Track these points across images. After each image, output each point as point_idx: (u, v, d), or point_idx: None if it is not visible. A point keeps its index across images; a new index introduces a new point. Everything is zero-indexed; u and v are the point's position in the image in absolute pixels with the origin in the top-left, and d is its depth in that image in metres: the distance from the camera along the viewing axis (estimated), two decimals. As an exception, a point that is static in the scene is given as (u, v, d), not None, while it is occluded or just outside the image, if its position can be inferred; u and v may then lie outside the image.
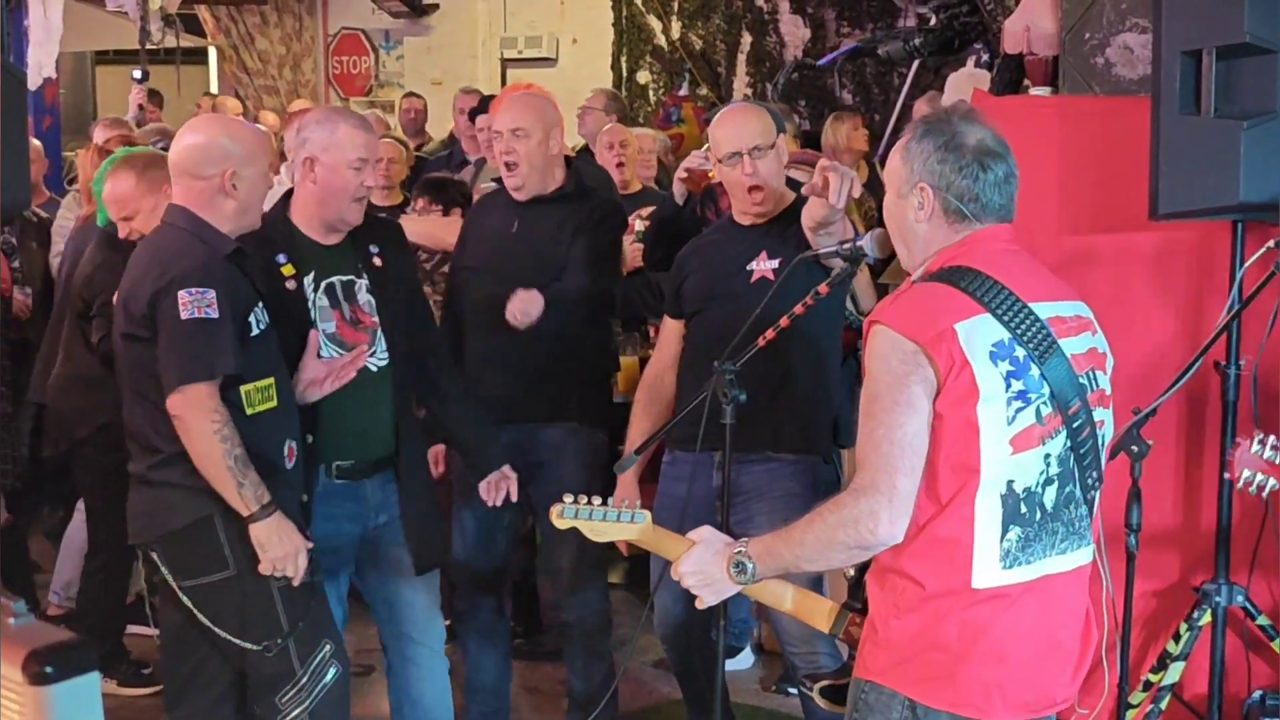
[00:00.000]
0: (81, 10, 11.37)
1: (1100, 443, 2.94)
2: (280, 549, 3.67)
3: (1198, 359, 3.92)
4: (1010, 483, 2.81)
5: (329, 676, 3.80)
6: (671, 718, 5.20)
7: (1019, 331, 2.83)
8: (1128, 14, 4.49)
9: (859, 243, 3.47)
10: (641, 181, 7.16)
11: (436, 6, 13.90)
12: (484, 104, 7.85)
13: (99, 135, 7.22)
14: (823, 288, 3.62)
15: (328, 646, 3.82)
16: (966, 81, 6.60)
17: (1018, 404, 2.80)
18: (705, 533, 3.10)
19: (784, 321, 3.66)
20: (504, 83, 13.19)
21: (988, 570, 2.82)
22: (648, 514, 3.15)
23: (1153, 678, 4.15)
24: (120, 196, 5.04)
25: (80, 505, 5.96)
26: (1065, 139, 4.38)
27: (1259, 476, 3.29)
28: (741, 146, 4.34)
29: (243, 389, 3.74)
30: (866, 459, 2.81)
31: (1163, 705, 4.11)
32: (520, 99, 4.98)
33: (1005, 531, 2.82)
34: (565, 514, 3.18)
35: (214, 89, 14.46)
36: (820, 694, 3.24)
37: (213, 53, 14.37)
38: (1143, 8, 4.39)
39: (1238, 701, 4.22)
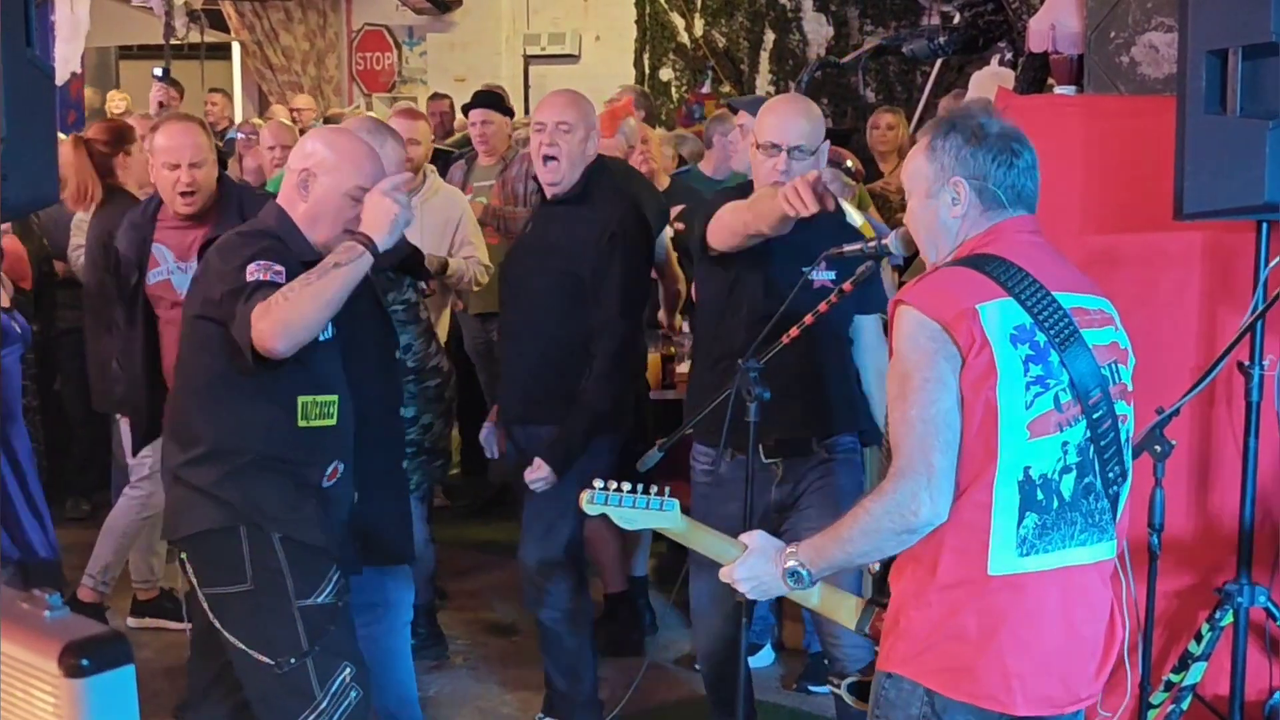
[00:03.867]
0: (107, 5, 11.40)
1: (1123, 437, 2.94)
2: None
3: (1221, 359, 3.91)
4: (1027, 469, 2.82)
5: (350, 699, 3.68)
6: (693, 714, 5.21)
7: (1040, 317, 2.84)
8: (1153, 13, 4.49)
9: (884, 240, 3.47)
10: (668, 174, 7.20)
11: (460, 3, 13.93)
12: (476, 98, 7.89)
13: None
14: (847, 285, 3.62)
15: (348, 669, 3.69)
16: (990, 80, 6.58)
17: (1036, 389, 2.81)
18: (758, 539, 3.09)
19: (809, 319, 3.67)
20: (527, 80, 13.22)
21: (1004, 557, 2.82)
22: (677, 502, 3.13)
23: (1174, 678, 4.14)
24: None
25: (125, 492, 5.99)
26: (1090, 138, 4.38)
27: None
28: (784, 141, 4.25)
29: (300, 399, 3.67)
30: (901, 441, 2.82)
31: (1184, 705, 4.11)
32: (566, 94, 4.92)
33: (1022, 518, 2.82)
34: (595, 500, 3.14)
35: (237, 85, 14.50)
36: (848, 690, 3.24)
37: (236, 48, 14.40)
38: (1168, 7, 4.39)
39: (1259, 702, 4.22)
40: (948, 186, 2.97)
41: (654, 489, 3.17)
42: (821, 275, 4.14)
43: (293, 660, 3.61)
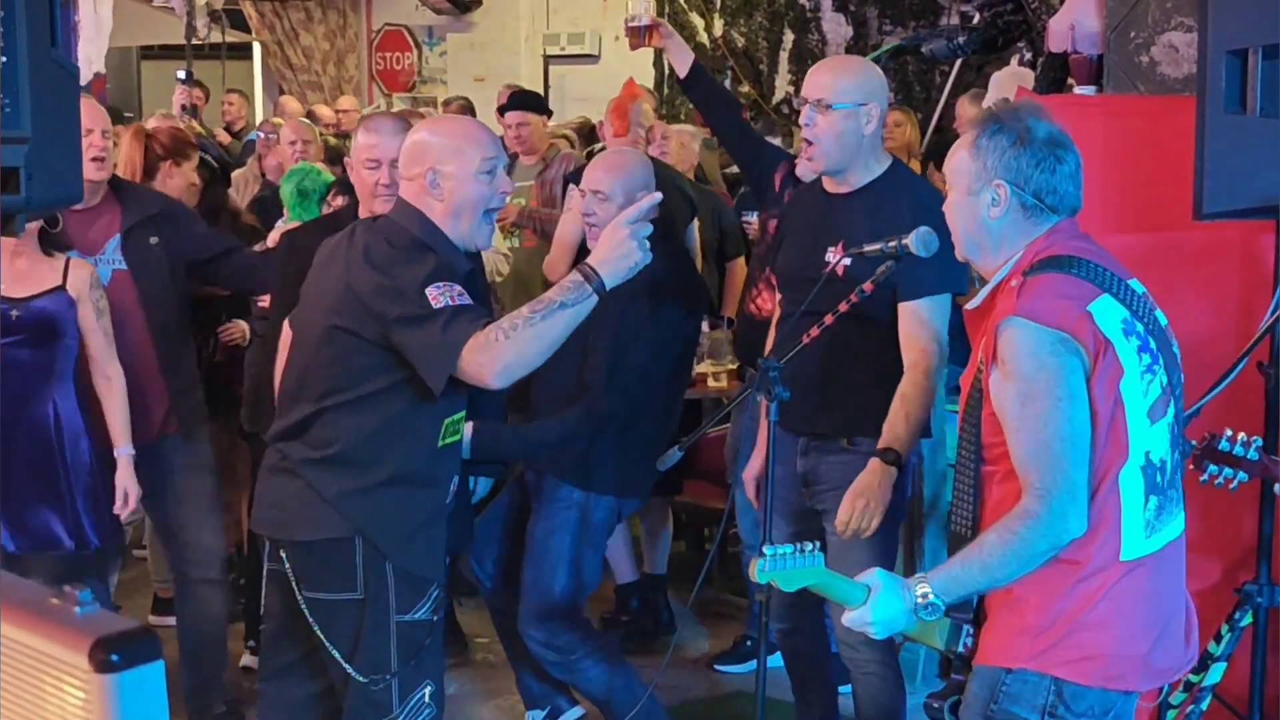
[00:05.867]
0: (128, 5, 11.46)
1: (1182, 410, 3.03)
2: None
3: (1241, 360, 3.91)
4: (1148, 453, 2.88)
5: (423, 716, 3.66)
6: (712, 715, 5.21)
7: (1133, 308, 2.91)
8: (1173, 13, 4.48)
9: (904, 240, 3.48)
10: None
11: (480, 3, 13.95)
12: (512, 100, 7.82)
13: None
14: (867, 285, 3.63)
15: (429, 688, 3.66)
16: (1010, 80, 6.58)
17: (1148, 376, 2.89)
18: (879, 577, 2.99)
19: (829, 319, 3.68)
20: (546, 80, 13.23)
21: (1135, 542, 2.88)
22: (822, 555, 3.01)
23: (1193, 678, 4.13)
24: None
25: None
26: (1109, 138, 4.37)
27: (1225, 470, 3.63)
28: (807, 94, 4.16)
29: (445, 421, 3.60)
30: (1039, 461, 2.83)
31: (1204, 706, 4.10)
32: (609, 159, 4.76)
33: (1147, 501, 2.88)
34: (768, 568, 2.97)
35: (258, 84, 14.55)
36: (950, 711, 3.20)
37: (257, 48, 14.45)
38: (1188, 6, 4.38)
39: (1279, 702, 4.21)
40: (989, 187, 2.98)
41: (808, 546, 2.99)
42: (835, 259, 4.05)
43: (387, 678, 3.59)
